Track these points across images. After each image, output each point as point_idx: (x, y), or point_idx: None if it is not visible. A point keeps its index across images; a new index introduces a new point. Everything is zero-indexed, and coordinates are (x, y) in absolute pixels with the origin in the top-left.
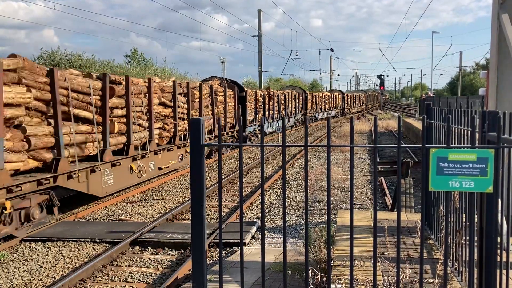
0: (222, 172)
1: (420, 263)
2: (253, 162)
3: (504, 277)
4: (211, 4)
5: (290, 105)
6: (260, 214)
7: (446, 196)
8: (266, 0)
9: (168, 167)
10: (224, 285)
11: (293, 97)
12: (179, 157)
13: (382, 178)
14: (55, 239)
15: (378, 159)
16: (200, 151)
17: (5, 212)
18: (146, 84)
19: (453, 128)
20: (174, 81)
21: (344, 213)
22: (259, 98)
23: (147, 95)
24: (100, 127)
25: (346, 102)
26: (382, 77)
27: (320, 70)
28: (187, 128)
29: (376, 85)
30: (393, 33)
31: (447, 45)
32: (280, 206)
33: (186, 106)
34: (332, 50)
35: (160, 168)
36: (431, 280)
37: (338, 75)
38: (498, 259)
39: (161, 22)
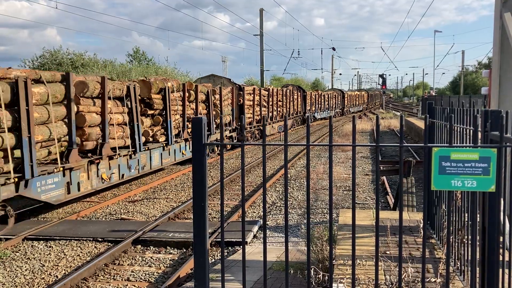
0: (223, 171)
1: (422, 262)
2: (254, 161)
3: (506, 276)
4: (213, 3)
5: (332, 101)
6: (262, 213)
7: (448, 195)
8: None
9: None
10: (226, 284)
11: (334, 96)
12: (278, 127)
13: (384, 177)
14: (57, 238)
15: (380, 158)
16: (202, 150)
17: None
18: (271, 91)
19: (455, 127)
20: (282, 89)
21: (346, 212)
22: (312, 97)
23: (271, 97)
24: (266, 109)
25: (369, 99)
26: (384, 76)
27: (322, 69)
28: (281, 113)
29: (378, 84)
30: (395, 32)
31: (450, 44)
32: (282, 205)
33: (285, 101)
34: (334, 49)
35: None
36: (433, 279)
37: (340, 74)
38: (500, 258)
39: (163, 21)
